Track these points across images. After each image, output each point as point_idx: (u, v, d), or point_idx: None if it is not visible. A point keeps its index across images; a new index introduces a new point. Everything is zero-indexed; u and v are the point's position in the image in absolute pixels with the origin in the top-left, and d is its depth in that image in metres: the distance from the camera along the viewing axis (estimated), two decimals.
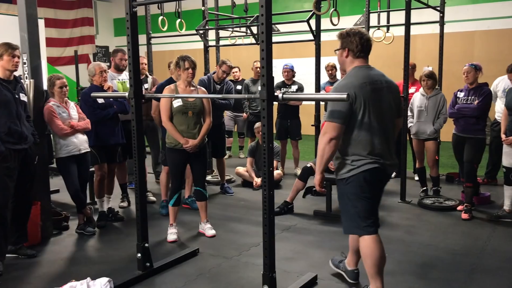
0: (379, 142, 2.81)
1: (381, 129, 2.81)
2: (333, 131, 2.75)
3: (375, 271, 2.89)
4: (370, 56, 7.66)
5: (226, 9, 7.70)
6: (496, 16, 9.42)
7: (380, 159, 2.82)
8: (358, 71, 2.87)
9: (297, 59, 10.74)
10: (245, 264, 3.73)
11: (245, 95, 3.02)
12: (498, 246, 4.03)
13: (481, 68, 4.87)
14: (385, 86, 2.87)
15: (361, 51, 2.86)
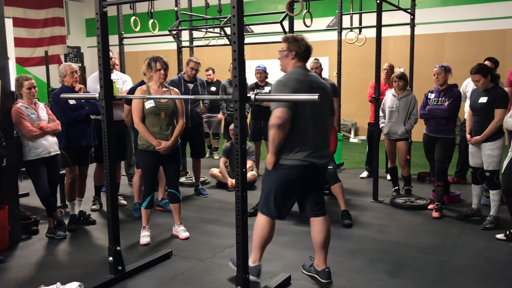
0: (314, 136, 3.09)
1: (317, 124, 3.10)
2: (281, 114, 2.98)
3: (259, 245, 3.26)
4: (343, 57, 7.78)
5: (200, 10, 7.67)
6: (465, 19, 9.66)
7: (313, 153, 3.09)
8: (299, 69, 3.18)
9: (271, 60, 10.76)
10: (219, 266, 3.71)
11: (217, 96, 3.01)
12: (467, 243, 4.12)
13: (450, 69, 4.97)
14: (321, 86, 3.16)
15: (305, 56, 3.20)
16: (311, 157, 3.09)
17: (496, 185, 4.43)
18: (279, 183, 3.14)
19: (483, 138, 4.41)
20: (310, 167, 3.10)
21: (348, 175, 6.98)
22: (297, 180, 3.15)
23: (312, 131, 3.08)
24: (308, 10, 5.10)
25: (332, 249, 4.02)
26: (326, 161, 3.22)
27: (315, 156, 3.10)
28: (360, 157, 8.37)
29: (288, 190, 3.17)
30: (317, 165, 3.13)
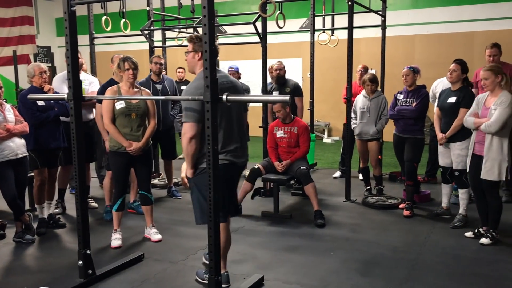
0: (229, 138, 3.14)
1: (230, 126, 3.14)
2: (191, 130, 2.97)
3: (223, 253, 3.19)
4: (317, 58, 7.84)
5: (172, 10, 7.61)
6: (435, 21, 9.86)
7: (230, 153, 3.13)
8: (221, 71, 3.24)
9: (245, 61, 10.78)
10: (192, 268, 3.68)
11: (189, 97, 2.96)
12: (437, 241, 4.20)
13: (419, 70, 5.07)
14: (231, 86, 3.16)
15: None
16: (230, 156, 3.13)
17: (464, 184, 4.53)
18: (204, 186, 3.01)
19: (448, 136, 4.51)
20: (230, 166, 3.13)
21: (321, 175, 7.03)
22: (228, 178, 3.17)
23: (224, 132, 3.10)
24: (281, 11, 5.13)
25: (305, 249, 4.07)
26: (246, 159, 3.32)
27: (233, 155, 3.15)
28: (333, 157, 8.44)
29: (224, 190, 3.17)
30: (237, 163, 3.18)
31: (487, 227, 4.13)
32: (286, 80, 6.35)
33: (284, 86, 6.23)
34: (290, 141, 5.10)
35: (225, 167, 3.07)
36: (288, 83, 6.29)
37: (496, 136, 3.90)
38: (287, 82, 6.30)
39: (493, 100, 3.97)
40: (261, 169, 5.07)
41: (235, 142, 3.17)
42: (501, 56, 5.22)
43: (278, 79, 6.22)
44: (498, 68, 4.02)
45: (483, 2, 9.41)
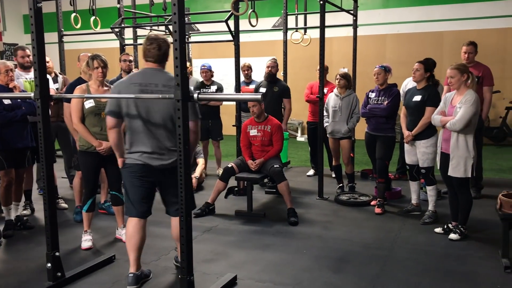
0: (147, 138, 3.09)
1: (150, 127, 3.07)
2: (109, 122, 3.18)
3: (128, 248, 3.27)
4: (289, 57, 7.87)
5: (144, 7, 7.52)
6: (405, 21, 10.03)
7: (146, 154, 3.11)
8: (138, 72, 3.21)
9: (218, 59, 10.75)
10: (164, 268, 3.65)
11: (159, 95, 2.93)
12: (408, 238, 4.27)
13: (390, 69, 5.14)
14: (160, 90, 3.01)
15: (146, 56, 3.12)
16: (145, 157, 3.11)
17: (432, 181, 4.62)
18: (126, 180, 3.24)
19: (414, 134, 4.59)
20: (145, 166, 3.12)
21: (294, 173, 7.06)
22: (137, 177, 3.17)
23: (144, 134, 3.08)
24: (253, 9, 5.12)
25: (278, 247, 4.08)
26: (164, 164, 3.12)
27: (149, 157, 3.11)
28: (307, 155, 8.48)
29: (132, 186, 3.20)
30: (152, 166, 3.12)
31: (456, 222, 4.22)
32: (278, 79, 6.33)
33: (274, 84, 6.21)
34: (264, 139, 5.10)
35: (141, 167, 3.12)
36: (278, 83, 6.27)
37: (461, 134, 3.98)
38: (278, 82, 6.28)
39: (459, 98, 4.06)
40: (234, 168, 5.05)
41: (151, 145, 3.09)
42: (476, 55, 5.33)
43: (269, 76, 6.20)
44: (464, 67, 4.11)
45: (451, 3, 9.62)
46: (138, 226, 3.25)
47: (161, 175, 3.17)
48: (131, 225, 3.25)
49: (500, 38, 9.33)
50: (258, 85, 6.36)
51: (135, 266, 3.27)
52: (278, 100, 6.16)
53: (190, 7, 8.86)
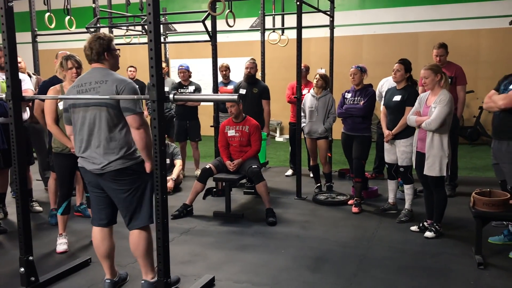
0: (82, 141, 2.99)
1: (84, 130, 2.96)
2: (67, 130, 3.22)
3: (98, 257, 3.22)
4: (267, 58, 7.87)
5: (120, 7, 7.44)
6: (381, 22, 10.15)
7: (83, 157, 3.02)
8: (81, 75, 3.12)
9: (197, 59, 10.71)
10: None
11: (134, 96, 2.89)
12: (384, 236, 4.32)
13: (366, 70, 5.19)
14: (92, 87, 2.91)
15: (91, 57, 3.01)
16: (81, 160, 3.04)
17: (409, 180, 4.69)
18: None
19: (394, 133, 4.65)
20: (85, 171, 3.04)
21: (273, 173, 7.08)
22: (87, 183, 3.14)
23: (81, 136, 2.99)
24: (230, 10, 5.10)
25: (257, 247, 4.08)
26: (96, 168, 2.94)
27: (84, 160, 3.02)
28: (285, 155, 8.52)
29: (89, 193, 3.17)
30: (89, 170, 3.00)
31: (431, 220, 4.29)
32: (257, 80, 6.32)
33: (253, 86, 6.19)
34: (242, 140, 5.10)
35: (83, 170, 3.07)
36: (258, 84, 6.25)
37: (436, 133, 4.05)
38: (257, 83, 6.26)
39: (433, 98, 4.13)
40: (212, 169, 5.04)
41: (85, 146, 2.98)
42: (447, 56, 5.42)
43: (248, 78, 6.18)
44: (438, 68, 4.18)
45: (426, 4, 9.78)
46: (101, 235, 3.15)
47: (101, 180, 2.99)
48: (95, 235, 3.17)
49: (473, 39, 9.52)
50: (238, 86, 6.35)
51: (110, 273, 3.23)
52: (258, 101, 6.15)
53: (167, 7, 8.82)
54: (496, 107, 3.72)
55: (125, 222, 3.08)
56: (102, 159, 2.92)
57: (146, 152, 2.94)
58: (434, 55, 5.36)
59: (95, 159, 2.95)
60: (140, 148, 2.95)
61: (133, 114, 2.86)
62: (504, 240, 4.03)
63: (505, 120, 3.74)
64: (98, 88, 2.89)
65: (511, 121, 3.69)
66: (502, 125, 3.77)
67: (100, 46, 2.95)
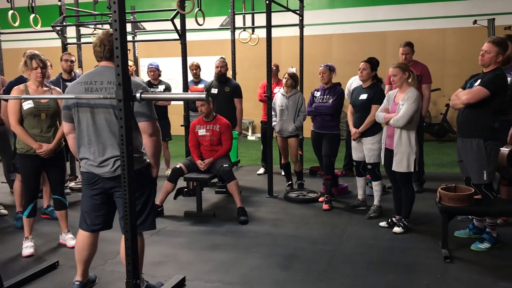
0: (88, 144, 2.90)
1: (90, 130, 2.88)
2: (64, 128, 3.07)
3: (76, 260, 3.16)
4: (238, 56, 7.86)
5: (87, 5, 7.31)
6: (350, 21, 10.27)
7: (88, 161, 2.92)
8: (89, 71, 3.01)
9: (167, 58, 10.61)
10: (111, 272, 3.56)
11: (100, 95, 2.84)
12: (354, 232, 4.37)
13: (335, 68, 5.25)
14: (104, 87, 2.84)
15: (96, 57, 2.96)
16: (88, 165, 2.93)
17: (377, 176, 4.76)
18: (82, 189, 3.10)
19: (361, 131, 4.72)
20: (91, 175, 2.94)
21: (245, 172, 7.08)
22: (86, 187, 3.00)
23: (88, 138, 2.89)
24: (200, 8, 5.07)
25: (228, 247, 4.08)
26: (106, 171, 2.89)
27: (92, 165, 2.92)
28: (257, 154, 8.53)
29: (83, 196, 3.05)
30: (96, 174, 2.92)
31: (400, 216, 4.37)
32: (228, 79, 6.29)
33: (225, 85, 6.16)
34: (213, 139, 5.08)
35: (87, 176, 2.96)
36: (229, 83, 6.22)
37: (404, 130, 4.13)
38: (229, 82, 6.23)
39: (401, 96, 4.20)
40: (183, 169, 5.01)
41: (94, 151, 2.89)
42: (413, 55, 5.52)
43: (219, 77, 6.15)
44: (405, 66, 4.26)
45: (394, 3, 9.95)
46: (88, 241, 3.08)
47: (110, 184, 2.93)
48: (81, 239, 3.09)
49: (439, 38, 9.74)
50: (209, 85, 6.32)
51: (82, 276, 3.18)
52: (230, 100, 6.14)
53: (135, 5, 8.70)
54: (460, 102, 3.82)
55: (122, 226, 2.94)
56: (113, 162, 2.87)
57: (155, 159, 2.95)
58: (400, 53, 5.46)
59: (104, 162, 2.88)
60: (150, 154, 2.94)
61: (147, 120, 2.84)
62: (469, 234, 4.14)
63: (468, 118, 3.83)
64: (111, 89, 2.78)
65: (474, 119, 3.79)
66: (465, 122, 3.87)
67: (112, 43, 2.80)
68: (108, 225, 3.13)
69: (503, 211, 3.99)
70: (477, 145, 3.77)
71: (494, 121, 3.80)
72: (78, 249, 3.11)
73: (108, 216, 3.09)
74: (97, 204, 3.02)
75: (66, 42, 6.24)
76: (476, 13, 8.80)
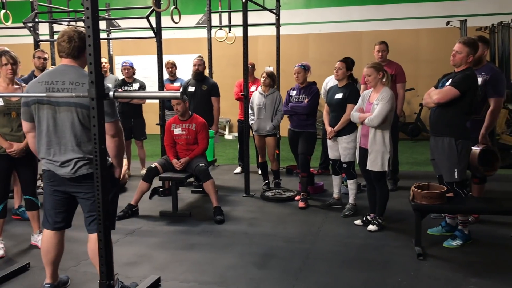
0: (48, 145, 2.84)
1: (51, 130, 2.82)
2: (23, 127, 2.98)
3: (44, 262, 3.09)
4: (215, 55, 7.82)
5: (61, 2, 7.17)
6: (326, 21, 10.34)
7: (49, 161, 2.87)
8: (49, 70, 2.97)
9: (143, 56, 10.50)
10: (84, 273, 3.50)
11: (72, 94, 2.79)
12: (330, 230, 4.41)
13: (309, 68, 5.28)
14: (66, 88, 2.76)
15: (59, 51, 2.90)
16: (49, 164, 2.88)
17: (352, 175, 4.81)
18: (44, 187, 3.02)
19: (337, 130, 4.76)
20: (52, 174, 2.89)
21: (222, 171, 7.06)
22: (48, 185, 2.95)
23: (48, 138, 2.83)
24: (175, 6, 5.03)
25: (204, 246, 4.06)
26: (67, 172, 2.83)
27: (53, 165, 2.86)
28: (234, 153, 8.52)
29: (46, 194, 2.99)
30: (56, 173, 2.86)
31: (374, 214, 4.42)
32: (205, 77, 6.24)
33: (202, 83, 6.12)
34: (188, 138, 5.05)
35: (48, 174, 2.91)
36: (207, 81, 6.18)
37: (378, 129, 4.18)
38: (206, 80, 6.19)
39: (375, 96, 4.25)
40: (158, 168, 4.96)
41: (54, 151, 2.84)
42: (388, 54, 5.59)
43: (197, 75, 6.10)
44: (380, 66, 4.31)
45: (369, 4, 10.06)
46: (54, 240, 3.03)
47: (70, 184, 2.88)
48: (46, 239, 3.03)
49: (413, 38, 9.89)
50: (186, 83, 6.28)
51: (52, 277, 3.12)
52: (207, 99, 6.10)
53: (110, 2, 8.57)
54: (431, 102, 3.88)
55: (87, 225, 2.96)
56: (74, 163, 2.81)
57: (118, 159, 2.90)
58: (376, 50, 5.52)
59: (65, 163, 2.83)
60: (112, 155, 2.89)
61: (111, 121, 2.79)
62: (442, 231, 4.21)
63: (440, 117, 3.90)
64: (73, 91, 2.73)
65: (446, 117, 3.85)
66: (437, 121, 3.93)
67: (81, 41, 2.80)
68: (69, 223, 3.09)
69: (474, 209, 4.07)
70: (448, 143, 3.84)
71: (465, 120, 3.88)
72: (44, 250, 3.06)
73: (70, 213, 3.05)
74: (57, 200, 2.97)
75: (38, 39, 6.11)
76: (449, 14, 8.99)
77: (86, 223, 2.97)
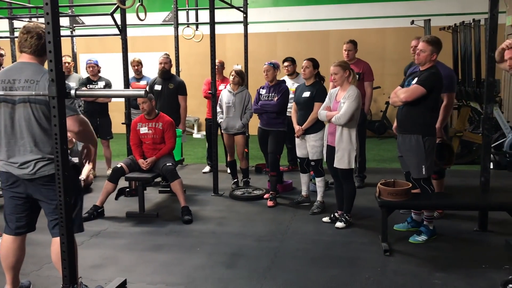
0: (7, 145, 2.75)
1: (9, 130, 2.72)
2: None
3: (4, 267, 2.97)
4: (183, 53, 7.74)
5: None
6: (294, 19, 10.38)
7: (8, 162, 2.76)
8: (6, 68, 2.82)
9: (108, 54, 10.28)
10: (47, 278, 3.40)
11: (32, 92, 2.69)
12: (298, 228, 4.42)
13: (279, 66, 5.29)
14: (22, 86, 2.66)
15: (22, 46, 2.78)
16: (6, 165, 2.76)
17: (320, 173, 4.83)
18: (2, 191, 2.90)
19: (304, 128, 4.77)
20: (10, 175, 2.77)
21: (190, 170, 6.99)
22: (5, 188, 2.82)
23: (5, 138, 2.73)
24: (141, 3, 4.95)
25: (171, 247, 4.00)
26: (25, 173, 2.72)
27: (10, 166, 2.75)
28: (203, 152, 8.44)
29: (4, 198, 2.87)
30: (15, 174, 2.74)
31: (342, 211, 4.46)
32: (172, 75, 6.15)
33: (169, 81, 6.02)
34: (155, 137, 4.97)
35: (5, 175, 2.78)
36: (174, 79, 6.09)
37: (345, 127, 4.21)
38: (173, 78, 6.10)
39: (342, 94, 4.28)
40: (124, 168, 4.87)
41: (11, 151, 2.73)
42: (356, 53, 5.64)
43: (163, 73, 6.00)
44: (346, 64, 4.35)
45: (336, 3, 10.15)
46: (13, 246, 2.90)
47: (30, 187, 2.77)
48: (5, 244, 2.91)
49: (379, 37, 10.04)
50: (153, 82, 6.18)
51: (12, 284, 3.00)
52: (174, 97, 6.03)
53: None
54: (399, 100, 3.94)
55: (50, 229, 2.85)
56: (34, 164, 2.70)
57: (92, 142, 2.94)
58: (344, 49, 5.57)
59: (24, 164, 2.71)
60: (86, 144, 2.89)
61: (74, 115, 2.69)
62: (407, 227, 4.29)
63: (407, 115, 3.96)
64: (28, 89, 2.62)
65: (413, 115, 3.92)
66: (405, 119, 3.99)
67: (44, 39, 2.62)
68: (32, 227, 2.97)
69: (439, 204, 4.16)
70: (416, 140, 3.90)
71: (432, 118, 3.95)
72: (3, 256, 2.93)
73: (32, 217, 2.93)
74: (18, 204, 2.85)
75: None
76: (413, 13, 9.15)
77: (50, 226, 2.86)
